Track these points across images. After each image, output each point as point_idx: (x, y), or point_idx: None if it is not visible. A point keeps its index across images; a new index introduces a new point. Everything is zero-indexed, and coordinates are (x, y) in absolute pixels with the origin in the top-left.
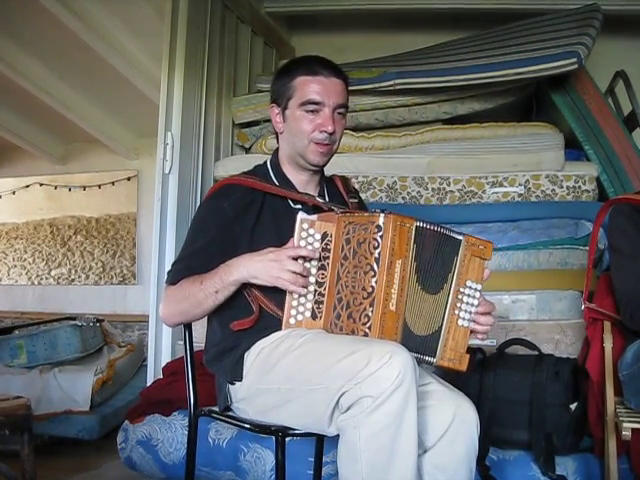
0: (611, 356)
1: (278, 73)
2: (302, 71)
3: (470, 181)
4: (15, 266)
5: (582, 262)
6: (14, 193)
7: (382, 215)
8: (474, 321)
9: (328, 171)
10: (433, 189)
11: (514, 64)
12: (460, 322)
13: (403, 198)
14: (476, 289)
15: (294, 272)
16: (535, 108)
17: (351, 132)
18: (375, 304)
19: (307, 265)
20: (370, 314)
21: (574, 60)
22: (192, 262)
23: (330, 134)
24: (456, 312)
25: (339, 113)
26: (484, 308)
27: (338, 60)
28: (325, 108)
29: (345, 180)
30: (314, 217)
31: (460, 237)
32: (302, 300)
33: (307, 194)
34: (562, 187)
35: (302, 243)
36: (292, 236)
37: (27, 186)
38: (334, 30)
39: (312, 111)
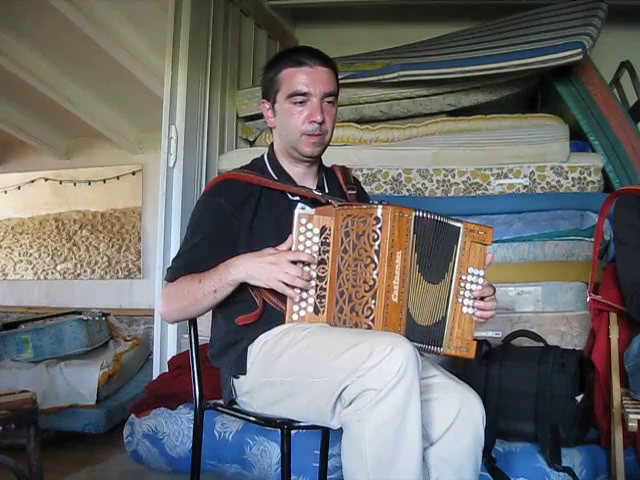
0: (617, 347)
1: (265, 68)
2: (287, 63)
3: (475, 173)
4: (21, 261)
5: (588, 253)
6: (19, 188)
7: (380, 207)
8: (478, 307)
9: (330, 162)
10: (438, 181)
11: (519, 55)
12: (465, 310)
13: (408, 190)
14: (479, 275)
15: (292, 275)
16: (540, 99)
17: (355, 124)
18: (377, 296)
19: (306, 269)
20: (373, 307)
21: (579, 51)
22: (190, 258)
23: (320, 124)
24: (460, 300)
25: (328, 102)
26: (482, 292)
27: (341, 52)
28: (313, 98)
29: (345, 170)
30: (312, 211)
31: (458, 225)
32: (304, 295)
33: (304, 187)
34: (567, 178)
35: (301, 238)
36: (291, 230)
37: (32, 181)
38: (338, 22)
39: (300, 102)
